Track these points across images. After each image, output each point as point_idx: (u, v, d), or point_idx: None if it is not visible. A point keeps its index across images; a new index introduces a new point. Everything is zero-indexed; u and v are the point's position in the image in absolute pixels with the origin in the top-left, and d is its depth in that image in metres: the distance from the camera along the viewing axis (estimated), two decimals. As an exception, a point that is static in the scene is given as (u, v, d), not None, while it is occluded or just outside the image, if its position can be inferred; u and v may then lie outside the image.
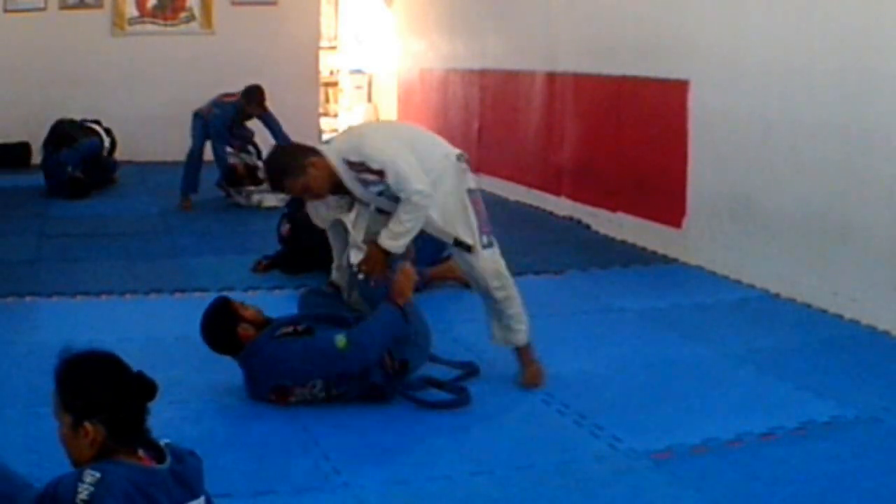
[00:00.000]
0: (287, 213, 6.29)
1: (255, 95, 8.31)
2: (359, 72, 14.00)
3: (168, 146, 10.40)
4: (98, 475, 2.07)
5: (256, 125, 8.66)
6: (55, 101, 10.02)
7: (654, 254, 6.78)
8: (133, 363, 2.30)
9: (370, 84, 13.76)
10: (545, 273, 6.30)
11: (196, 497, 2.27)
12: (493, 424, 3.90)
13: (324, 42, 13.20)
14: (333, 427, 3.76)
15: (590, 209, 7.70)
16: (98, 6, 10.66)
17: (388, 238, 3.98)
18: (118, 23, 10.75)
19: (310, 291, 4.43)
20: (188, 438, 2.52)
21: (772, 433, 3.74)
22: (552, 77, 8.18)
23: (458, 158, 4.15)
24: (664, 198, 6.74)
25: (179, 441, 2.35)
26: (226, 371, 4.05)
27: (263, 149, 8.74)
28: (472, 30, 9.75)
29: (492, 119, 9.41)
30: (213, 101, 8.40)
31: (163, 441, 2.28)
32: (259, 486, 3.24)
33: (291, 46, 11.23)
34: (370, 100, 13.76)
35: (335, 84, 14.50)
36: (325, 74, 13.63)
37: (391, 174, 3.89)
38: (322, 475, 3.36)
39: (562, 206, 8.11)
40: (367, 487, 3.27)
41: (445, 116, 10.28)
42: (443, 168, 4.08)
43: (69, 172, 8.73)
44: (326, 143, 4.14)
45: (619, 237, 7.24)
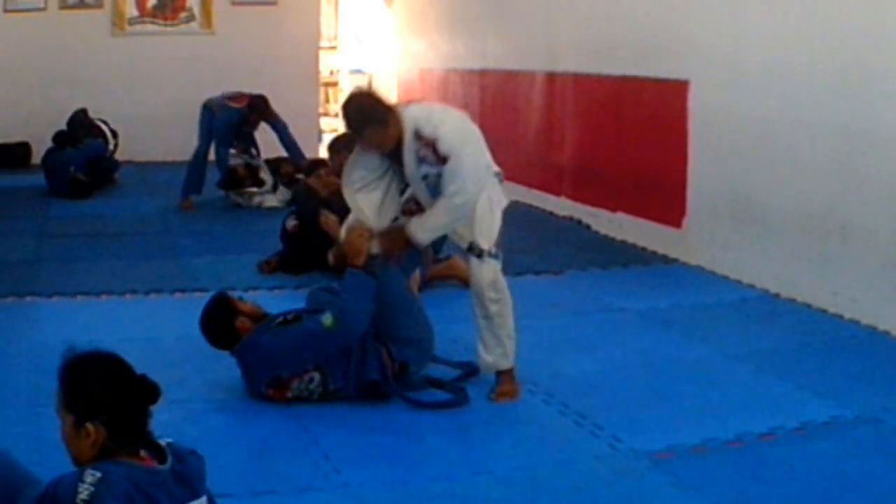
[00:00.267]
0: (295, 211, 6.28)
1: (259, 106, 8.32)
2: (359, 72, 14.00)
3: (168, 146, 10.42)
4: (98, 475, 2.07)
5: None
6: (55, 101, 10.03)
7: (654, 254, 6.78)
8: (133, 363, 2.30)
9: (370, 84, 13.75)
10: (545, 273, 6.30)
11: (198, 497, 2.27)
12: (493, 424, 3.89)
13: (324, 42, 13.20)
14: (333, 427, 3.76)
15: (590, 209, 7.70)
16: (98, 6, 10.66)
17: (419, 229, 3.96)
18: (118, 23, 10.75)
19: (318, 288, 4.42)
20: (188, 438, 2.52)
21: (772, 433, 3.74)
22: (552, 77, 8.18)
23: (497, 175, 4.16)
24: (664, 198, 6.74)
25: (179, 440, 2.35)
26: (226, 371, 4.06)
27: (264, 149, 8.79)
28: (472, 30, 9.74)
29: (492, 119, 9.37)
30: (222, 100, 8.35)
31: (164, 441, 2.28)
32: (259, 486, 3.25)
33: (291, 46, 11.23)
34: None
35: (335, 84, 14.50)
36: (325, 74, 13.63)
37: (453, 165, 3.84)
38: (322, 475, 3.36)
39: (562, 206, 8.11)
40: (367, 487, 3.27)
41: (445, 116, 10.25)
42: (486, 177, 4.06)
43: (71, 173, 8.73)
44: (402, 107, 4.03)
45: (619, 237, 7.24)
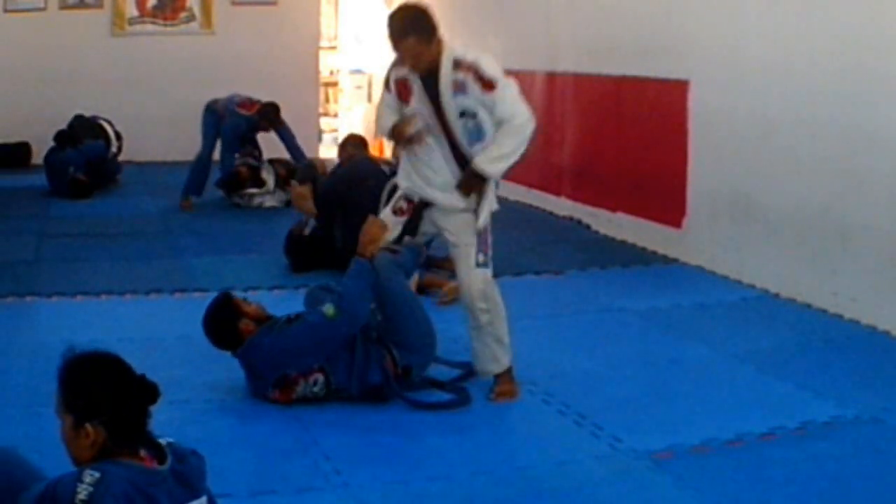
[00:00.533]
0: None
1: (270, 115, 8.31)
2: (359, 72, 13.97)
3: (168, 146, 10.41)
4: (97, 475, 2.07)
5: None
6: (55, 101, 10.01)
7: (654, 254, 6.78)
8: (133, 363, 2.29)
9: (370, 84, 13.71)
10: (545, 273, 6.30)
11: (198, 497, 2.27)
12: (493, 424, 3.90)
13: (324, 42, 13.17)
14: (333, 427, 3.76)
15: (590, 209, 7.70)
16: (98, 6, 10.65)
17: (486, 162, 3.85)
18: (118, 23, 10.74)
19: (317, 287, 4.40)
20: (188, 438, 2.52)
21: (772, 433, 3.74)
22: (552, 77, 8.18)
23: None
24: (664, 198, 6.74)
25: (180, 440, 2.35)
26: (227, 371, 4.05)
27: (265, 148, 8.81)
28: (472, 30, 9.72)
29: (492, 119, 9.39)
30: (230, 106, 8.28)
31: (165, 440, 2.28)
32: (259, 486, 3.25)
33: (291, 46, 11.22)
34: (370, 100, 13.72)
35: (335, 84, 14.47)
36: (325, 74, 13.60)
37: (500, 91, 3.79)
38: (322, 475, 3.36)
39: (562, 206, 8.11)
40: (367, 487, 3.28)
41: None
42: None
43: (71, 173, 8.73)
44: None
45: (619, 237, 7.24)
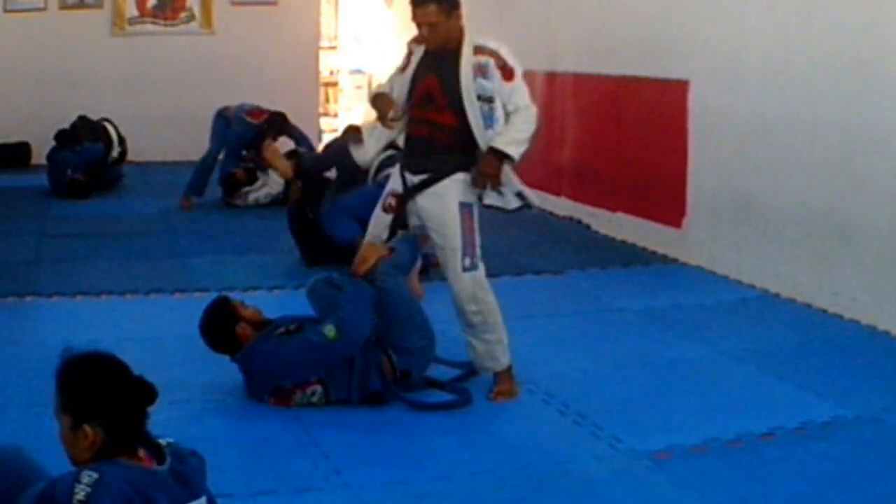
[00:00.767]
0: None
1: (277, 123, 8.39)
2: (359, 72, 13.98)
3: (168, 146, 10.41)
4: (95, 476, 2.07)
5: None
6: (55, 102, 10.01)
7: (654, 254, 6.77)
8: (133, 363, 2.29)
9: (370, 84, 13.73)
10: (545, 273, 6.30)
11: (197, 497, 2.27)
12: (493, 424, 3.90)
13: (324, 42, 13.18)
14: (333, 427, 3.76)
15: (590, 209, 7.70)
16: (98, 6, 10.64)
17: (506, 143, 3.94)
18: (118, 23, 10.74)
19: (320, 281, 4.34)
20: (188, 438, 2.52)
21: (772, 433, 3.74)
22: (552, 77, 8.17)
23: None
24: (664, 198, 6.73)
25: (180, 441, 2.35)
26: (226, 371, 4.05)
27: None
28: (472, 30, 9.69)
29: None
30: (239, 113, 8.34)
31: (164, 441, 2.28)
32: (259, 486, 3.25)
33: (291, 46, 11.22)
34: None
35: (335, 84, 14.48)
36: (325, 74, 13.61)
37: (518, 82, 3.94)
38: (322, 475, 3.36)
39: (562, 206, 8.10)
40: (367, 487, 3.28)
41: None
42: None
43: (68, 175, 8.72)
44: None
45: (619, 237, 7.23)
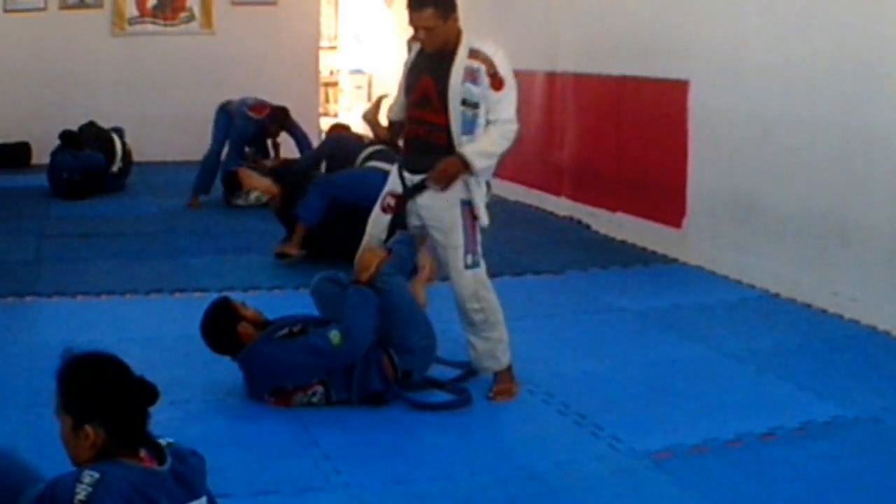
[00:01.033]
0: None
1: (279, 118, 8.47)
2: (359, 72, 13.99)
3: (168, 146, 10.41)
4: (96, 476, 2.07)
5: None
6: (55, 102, 10.01)
7: (654, 254, 6.77)
8: (133, 363, 2.29)
9: (370, 84, 13.74)
10: (545, 273, 6.30)
11: (197, 497, 2.27)
12: (493, 424, 3.90)
13: (324, 42, 13.19)
14: (333, 427, 3.76)
15: (590, 209, 7.70)
16: (98, 6, 10.64)
17: (476, 153, 3.88)
18: (118, 23, 10.73)
19: (324, 279, 4.32)
20: (188, 438, 2.52)
21: (772, 433, 3.74)
22: (552, 77, 8.17)
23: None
24: (664, 198, 6.73)
25: (180, 440, 2.35)
26: (226, 371, 4.05)
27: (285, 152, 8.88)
28: (472, 30, 9.68)
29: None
30: (241, 108, 8.34)
31: (165, 441, 2.28)
32: (259, 486, 3.25)
33: (291, 46, 11.21)
34: (370, 100, 13.73)
35: (335, 84, 14.49)
36: (325, 74, 13.61)
37: (507, 92, 3.88)
38: (322, 475, 3.36)
39: (562, 206, 8.10)
40: (367, 487, 3.28)
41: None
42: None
43: (65, 178, 8.70)
44: None
45: (619, 237, 7.24)
